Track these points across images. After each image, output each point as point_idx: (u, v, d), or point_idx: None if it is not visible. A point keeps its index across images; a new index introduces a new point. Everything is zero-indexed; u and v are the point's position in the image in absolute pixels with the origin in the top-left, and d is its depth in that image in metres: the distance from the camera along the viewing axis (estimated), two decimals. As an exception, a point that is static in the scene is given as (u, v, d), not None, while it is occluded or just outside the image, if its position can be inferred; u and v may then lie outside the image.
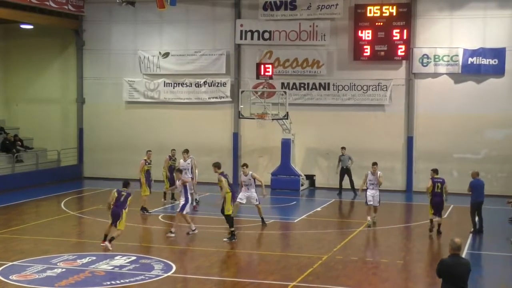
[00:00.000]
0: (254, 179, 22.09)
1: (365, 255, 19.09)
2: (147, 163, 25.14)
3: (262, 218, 22.33)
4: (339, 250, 19.06)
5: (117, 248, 18.95)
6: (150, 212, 24.43)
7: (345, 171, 29.71)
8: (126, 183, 19.49)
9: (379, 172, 22.83)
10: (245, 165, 22.55)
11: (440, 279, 11.14)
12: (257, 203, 22.19)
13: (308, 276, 16.21)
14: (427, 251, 19.35)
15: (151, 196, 25.24)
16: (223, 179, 20.05)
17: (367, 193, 22.56)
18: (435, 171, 21.83)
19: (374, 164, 23.10)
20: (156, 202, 26.49)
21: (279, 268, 17.07)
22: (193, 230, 20.87)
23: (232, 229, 19.99)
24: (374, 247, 20.39)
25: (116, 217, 18.89)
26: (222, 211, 20.10)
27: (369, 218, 22.52)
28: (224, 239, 19.94)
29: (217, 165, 20.82)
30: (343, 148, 29.77)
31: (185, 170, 24.45)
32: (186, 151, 25.81)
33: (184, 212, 20.78)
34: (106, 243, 18.74)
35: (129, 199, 19.02)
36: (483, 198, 21.81)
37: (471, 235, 21.25)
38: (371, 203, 22.50)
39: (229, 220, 20.04)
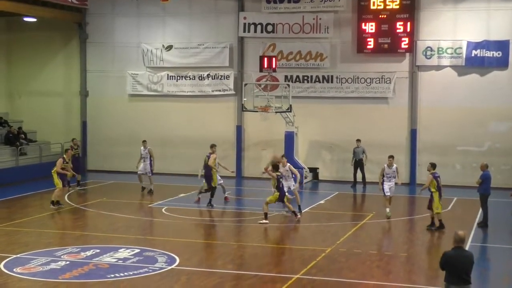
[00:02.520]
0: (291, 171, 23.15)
1: (368, 248, 19.06)
2: (64, 162, 24.92)
3: (299, 206, 23.05)
4: (342, 242, 19.07)
5: (121, 240, 19.01)
6: (61, 205, 24.20)
7: (358, 164, 29.75)
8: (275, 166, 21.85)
9: (395, 165, 23.03)
10: (283, 156, 23.68)
11: (443, 271, 11.17)
12: (294, 188, 23.03)
13: (312, 268, 16.23)
14: (430, 244, 19.36)
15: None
16: None
17: (384, 185, 22.75)
18: (434, 166, 21.62)
19: (390, 157, 23.23)
20: (160, 195, 26.58)
21: (282, 260, 17.11)
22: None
23: None
24: (377, 239, 20.40)
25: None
26: None
27: (388, 209, 22.74)
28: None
29: None
30: (358, 140, 29.71)
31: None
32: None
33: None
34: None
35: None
36: (490, 191, 21.79)
37: (475, 227, 21.25)
38: (389, 194, 22.74)
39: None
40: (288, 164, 23.08)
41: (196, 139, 31.77)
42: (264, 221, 21.32)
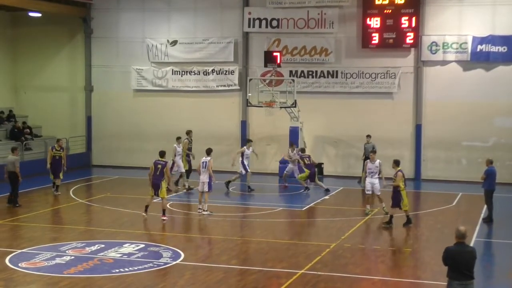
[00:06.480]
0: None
1: (373, 243, 19.09)
2: (54, 149, 26.53)
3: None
4: (347, 238, 19.07)
5: (126, 236, 19.03)
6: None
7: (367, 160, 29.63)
8: (162, 153, 21.40)
9: (378, 161, 22.68)
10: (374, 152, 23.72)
11: (446, 266, 11.18)
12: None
13: (316, 264, 16.23)
14: (435, 239, 19.31)
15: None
16: None
17: (366, 182, 22.54)
18: (398, 162, 21.16)
19: (372, 152, 23.44)
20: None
21: (287, 256, 17.09)
22: (205, 210, 22.12)
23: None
24: (382, 235, 20.37)
25: (156, 188, 20.86)
26: None
27: (368, 206, 22.71)
28: None
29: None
30: (368, 136, 29.50)
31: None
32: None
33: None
34: (145, 214, 21.10)
35: (165, 168, 20.84)
36: (495, 186, 21.74)
37: (480, 222, 21.23)
38: (369, 192, 22.49)
39: None
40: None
41: (201, 134, 31.69)
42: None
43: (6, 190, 24.29)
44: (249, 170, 26.93)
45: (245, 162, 27.05)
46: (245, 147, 27.60)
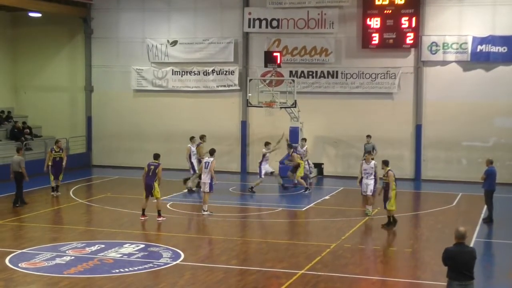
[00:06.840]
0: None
1: (373, 243, 19.10)
2: (53, 151, 26.28)
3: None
4: (347, 238, 19.07)
5: (126, 236, 19.04)
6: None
7: None
8: (156, 155, 21.72)
9: (373, 162, 22.51)
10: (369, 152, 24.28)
11: (446, 267, 11.20)
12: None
13: (316, 264, 16.23)
14: (435, 239, 19.31)
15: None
16: None
17: (363, 182, 22.48)
18: (387, 163, 21.09)
19: (368, 153, 23.71)
20: (165, 190, 26.56)
21: (287, 256, 17.09)
22: (205, 211, 22.07)
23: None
24: (382, 235, 20.37)
25: (149, 189, 21.16)
26: None
27: (367, 207, 22.68)
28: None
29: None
30: (368, 136, 29.48)
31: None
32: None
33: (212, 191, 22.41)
34: (143, 218, 21.23)
35: (157, 170, 21.13)
36: (495, 186, 21.73)
37: (480, 222, 21.22)
38: (366, 193, 22.45)
39: None
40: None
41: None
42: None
43: (9, 190, 24.30)
44: (263, 176, 26.79)
45: (262, 166, 26.96)
46: (264, 149, 27.39)
